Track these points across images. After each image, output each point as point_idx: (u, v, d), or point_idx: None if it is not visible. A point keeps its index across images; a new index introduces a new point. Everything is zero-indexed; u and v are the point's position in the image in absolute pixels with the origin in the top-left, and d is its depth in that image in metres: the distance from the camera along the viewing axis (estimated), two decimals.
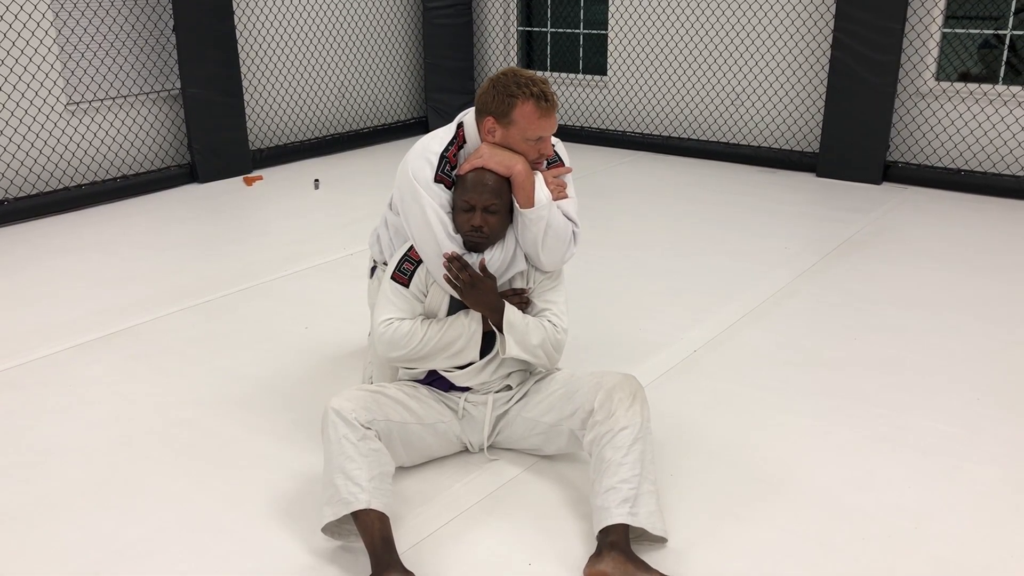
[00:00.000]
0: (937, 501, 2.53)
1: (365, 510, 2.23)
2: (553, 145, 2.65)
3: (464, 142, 2.61)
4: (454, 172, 2.58)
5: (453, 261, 2.49)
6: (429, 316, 2.63)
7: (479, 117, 2.58)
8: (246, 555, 2.32)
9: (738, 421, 2.99)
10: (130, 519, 2.48)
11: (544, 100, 2.51)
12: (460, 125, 2.63)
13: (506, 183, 2.52)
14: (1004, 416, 3.02)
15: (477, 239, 2.51)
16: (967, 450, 2.80)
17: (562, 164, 2.70)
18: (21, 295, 4.23)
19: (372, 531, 2.22)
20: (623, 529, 2.22)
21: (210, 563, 2.30)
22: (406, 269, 2.60)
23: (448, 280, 2.51)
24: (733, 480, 2.63)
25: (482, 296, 2.52)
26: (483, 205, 2.47)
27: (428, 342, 2.56)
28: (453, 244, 2.52)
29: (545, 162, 2.65)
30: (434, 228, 2.51)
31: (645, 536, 2.30)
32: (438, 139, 2.62)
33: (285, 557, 2.31)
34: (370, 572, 2.16)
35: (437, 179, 2.54)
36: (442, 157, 2.57)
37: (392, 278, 2.61)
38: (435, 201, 2.52)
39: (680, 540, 2.34)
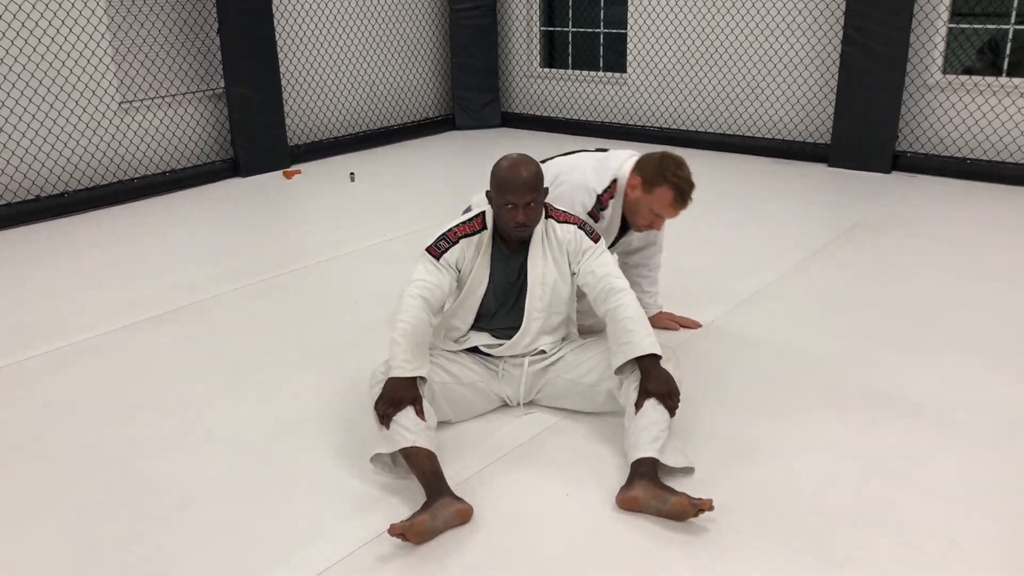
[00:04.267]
0: (944, 470, 2.78)
1: (413, 448, 2.51)
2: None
3: (615, 194, 3.23)
4: (602, 211, 3.23)
5: None
6: (469, 293, 2.88)
7: (635, 171, 3.18)
8: (320, 490, 2.63)
9: (747, 382, 3.27)
10: (208, 462, 2.80)
11: (683, 196, 3.10)
12: (615, 180, 3.21)
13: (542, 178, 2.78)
14: (1014, 392, 3.16)
15: (523, 233, 2.80)
16: (973, 428, 2.93)
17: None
18: (89, 276, 4.58)
19: (423, 465, 2.50)
20: (652, 462, 2.52)
21: (285, 498, 2.60)
22: (441, 245, 2.84)
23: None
24: (743, 431, 2.93)
25: (667, 380, 2.71)
26: (524, 202, 2.72)
27: (396, 331, 2.73)
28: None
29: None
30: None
31: (673, 472, 2.58)
32: (594, 179, 3.22)
33: (352, 491, 2.61)
34: (424, 500, 2.44)
35: (591, 214, 3.20)
36: (598, 197, 3.21)
37: (427, 249, 2.85)
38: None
39: (701, 473, 2.63)
